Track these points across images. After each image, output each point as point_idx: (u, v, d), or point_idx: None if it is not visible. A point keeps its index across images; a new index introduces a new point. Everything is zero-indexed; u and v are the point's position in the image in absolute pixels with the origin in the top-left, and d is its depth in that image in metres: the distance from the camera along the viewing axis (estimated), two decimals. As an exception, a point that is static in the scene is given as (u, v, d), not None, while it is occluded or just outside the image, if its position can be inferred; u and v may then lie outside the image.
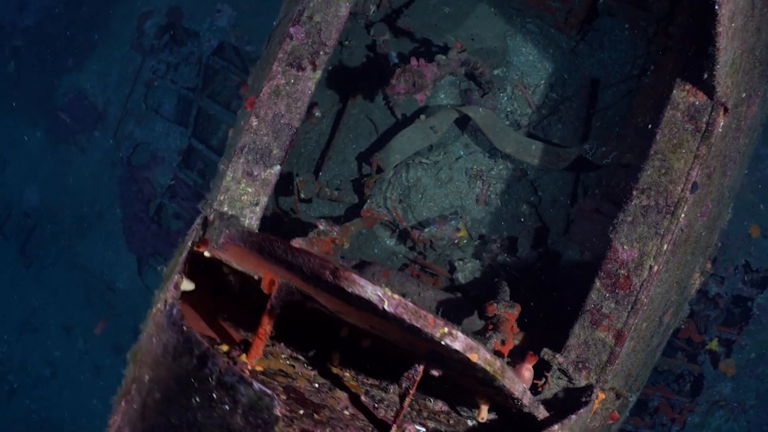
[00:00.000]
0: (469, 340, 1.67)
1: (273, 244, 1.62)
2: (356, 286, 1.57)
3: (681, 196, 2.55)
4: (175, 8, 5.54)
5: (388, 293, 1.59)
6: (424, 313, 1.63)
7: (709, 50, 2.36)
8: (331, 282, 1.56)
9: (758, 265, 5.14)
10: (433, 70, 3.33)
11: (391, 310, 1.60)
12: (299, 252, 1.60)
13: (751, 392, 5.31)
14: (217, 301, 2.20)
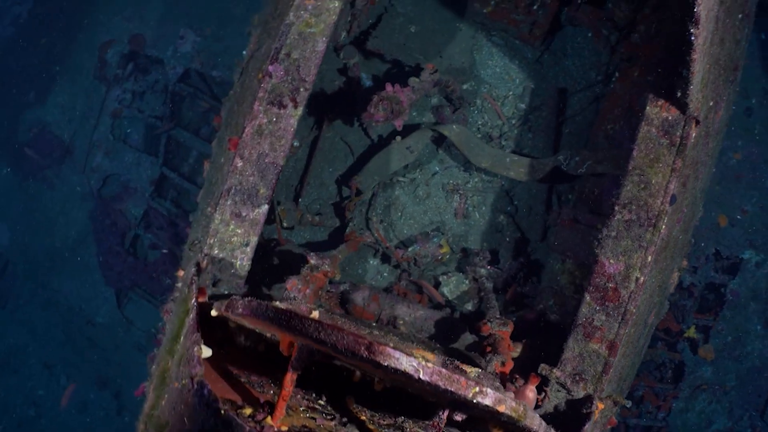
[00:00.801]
0: (497, 394, 1.73)
1: (304, 322, 1.63)
2: (392, 359, 1.62)
3: (661, 209, 2.64)
4: (136, 36, 5.45)
5: (422, 363, 1.63)
6: (456, 377, 1.68)
7: (682, 73, 2.44)
8: (367, 357, 1.60)
9: (728, 252, 5.31)
10: (409, 94, 3.38)
11: (426, 378, 1.65)
12: (332, 329, 1.63)
13: (731, 374, 5.48)
14: (224, 351, 2.21)
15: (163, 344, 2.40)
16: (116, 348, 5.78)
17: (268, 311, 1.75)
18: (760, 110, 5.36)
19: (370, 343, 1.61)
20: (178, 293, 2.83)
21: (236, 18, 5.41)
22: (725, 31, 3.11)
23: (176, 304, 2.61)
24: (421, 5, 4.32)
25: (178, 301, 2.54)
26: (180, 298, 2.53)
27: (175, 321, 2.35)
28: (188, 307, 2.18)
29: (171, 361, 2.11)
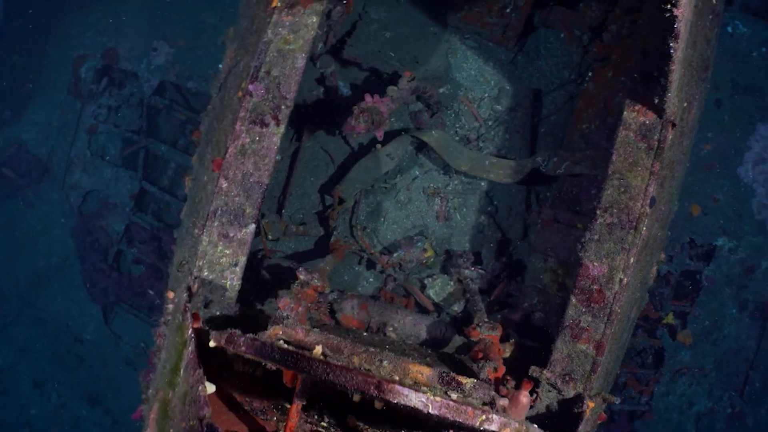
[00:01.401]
0: (502, 419, 1.79)
1: (312, 364, 1.67)
2: (401, 397, 1.68)
3: (641, 212, 2.71)
4: (109, 50, 5.41)
5: (430, 398, 1.69)
6: (464, 408, 1.73)
7: (660, 80, 2.50)
8: (377, 396, 1.65)
9: (702, 240, 5.45)
10: (388, 104, 3.41)
11: (435, 412, 1.70)
12: (340, 370, 1.67)
13: (709, 357, 5.63)
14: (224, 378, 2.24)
15: (162, 373, 2.42)
16: (105, 364, 5.77)
17: (274, 353, 1.78)
18: (729, 102, 5.49)
19: (379, 382, 1.66)
20: (170, 316, 2.85)
21: (209, 28, 5.39)
22: (697, 33, 3.20)
23: (170, 330, 2.64)
24: (395, 11, 4.36)
25: (173, 328, 2.56)
26: (174, 325, 2.55)
27: (171, 350, 2.37)
28: (185, 338, 2.20)
29: (172, 393, 2.14)
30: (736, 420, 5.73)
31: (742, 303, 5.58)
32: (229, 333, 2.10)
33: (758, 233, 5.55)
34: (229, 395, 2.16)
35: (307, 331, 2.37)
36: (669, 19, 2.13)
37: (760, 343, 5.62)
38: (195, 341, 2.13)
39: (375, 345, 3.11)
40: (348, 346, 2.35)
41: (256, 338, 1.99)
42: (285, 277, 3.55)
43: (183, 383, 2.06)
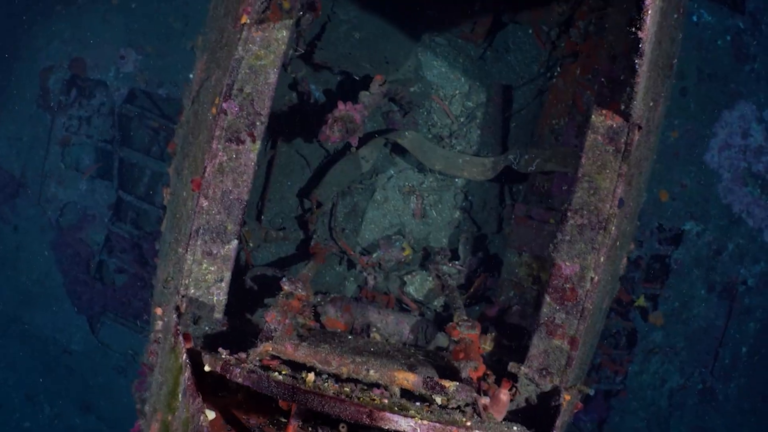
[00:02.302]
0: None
1: (307, 397, 1.76)
2: (392, 423, 1.77)
3: (610, 213, 2.82)
4: (76, 60, 5.36)
5: (419, 422, 1.79)
6: (449, 429, 1.83)
7: (626, 88, 2.58)
8: (369, 424, 1.75)
9: (670, 225, 5.61)
10: (361, 110, 3.48)
11: None
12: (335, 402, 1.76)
13: (679, 336, 5.82)
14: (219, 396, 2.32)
15: (159, 394, 2.49)
16: (96, 373, 5.79)
17: (270, 386, 1.86)
18: (695, 90, 5.64)
19: (371, 411, 1.75)
20: (161, 335, 2.91)
21: (176, 32, 5.38)
22: (663, 34, 3.30)
23: (163, 351, 2.70)
24: (364, 11, 4.39)
25: (165, 349, 2.62)
26: (167, 346, 2.61)
27: (167, 374, 2.44)
28: (180, 362, 2.27)
29: (172, 417, 2.21)
30: (707, 395, 5.95)
31: (710, 284, 5.78)
32: (224, 361, 2.17)
33: (724, 217, 5.74)
34: (226, 412, 2.24)
35: (296, 346, 2.45)
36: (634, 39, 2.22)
37: (728, 322, 5.83)
38: (191, 368, 2.20)
39: (360, 349, 3.22)
40: (336, 358, 2.43)
41: (252, 370, 2.07)
42: (269, 285, 3.62)
43: (183, 408, 2.13)
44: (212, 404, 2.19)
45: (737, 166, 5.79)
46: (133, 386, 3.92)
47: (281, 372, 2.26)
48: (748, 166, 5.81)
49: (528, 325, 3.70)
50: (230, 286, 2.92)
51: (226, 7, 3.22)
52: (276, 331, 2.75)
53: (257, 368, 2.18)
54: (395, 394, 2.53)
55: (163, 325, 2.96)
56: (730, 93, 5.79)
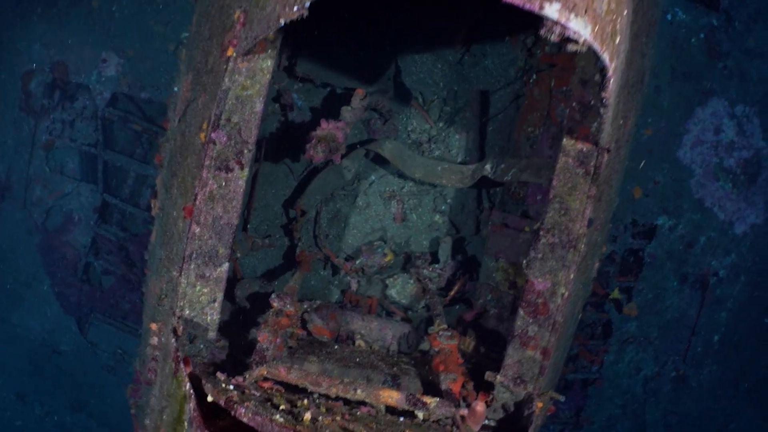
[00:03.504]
0: None
1: None
2: None
3: (580, 233, 2.96)
4: (58, 63, 5.37)
5: None
6: None
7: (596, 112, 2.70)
8: None
9: (643, 220, 5.79)
10: (343, 128, 3.57)
11: None
12: None
13: (653, 326, 6.04)
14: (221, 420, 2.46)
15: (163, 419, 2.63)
16: (85, 372, 5.90)
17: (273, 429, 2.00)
18: (669, 88, 5.78)
19: None
20: (158, 352, 3.04)
21: (158, 36, 5.39)
22: (633, 54, 3.41)
23: (163, 374, 2.83)
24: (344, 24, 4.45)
25: (167, 373, 2.75)
26: (168, 370, 2.75)
27: (171, 401, 2.58)
28: (183, 391, 2.41)
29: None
30: (680, 381, 6.20)
31: (683, 276, 5.98)
32: (227, 397, 2.31)
33: (697, 211, 5.92)
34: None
35: (289, 369, 2.60)
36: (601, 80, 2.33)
37: (700, 312, 6.05)
38: (195, 399, 2.34)
39: (346, 359, 3.37)
40: (326, 379, 2.59)
41: (257, 412, 2.21)
42: (259, 297, 3.76)
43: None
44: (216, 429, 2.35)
45: (709, 161, 5.96)
46: (127, 391, 4.05)
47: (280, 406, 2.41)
48: (719, 161, 5.99)
49: (504, 329, 3.87)
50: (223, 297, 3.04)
51: (210, 29, 3.28)
52: (268, 350, 2.91)
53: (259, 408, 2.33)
54: (381, 410, 2.69)
55: (160, 342, 3.08)
56: (703, 90, 5.93)
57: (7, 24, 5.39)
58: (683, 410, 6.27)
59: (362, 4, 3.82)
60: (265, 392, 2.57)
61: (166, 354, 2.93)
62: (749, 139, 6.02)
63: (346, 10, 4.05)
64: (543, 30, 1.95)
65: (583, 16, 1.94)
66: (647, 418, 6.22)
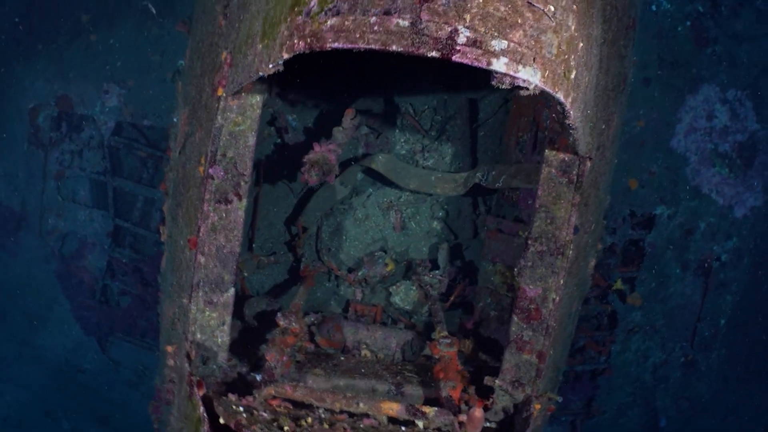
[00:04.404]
0: None
1: None
2: None
3: (567, 240, 3.08)
4: (62, 97, 5.59)
5: None
6: None
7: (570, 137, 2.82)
8: None
9: (641, 211, 5.89)
10: (335, 149, 3.70)
11: None
12: None
13: (658, 314, 6.14)
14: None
15: None
16: (109, 388, 6.14)
17: None
18: (658, 79, 5.86)
19: None
20: (174, 374, 3.23)
21: (155, 65, 5.59)
22: (610, 61, 3.51)
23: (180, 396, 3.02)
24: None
25: (183, 395, 2.94)
26: (183, 393, 2.93)
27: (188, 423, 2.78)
28: (198, 414, 2.60)
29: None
30: (689, 367, 6.30)
31: (684, 263, 6.07)
32: (236, 420, 2.49)
33: (694, 198, 6.00)
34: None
35: (295, 387, 2.78)
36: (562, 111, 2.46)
37: (704, 297, 6.15)
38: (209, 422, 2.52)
39: (352, 370, 3.54)
40: (329, 395, 2.75)
41: None
42: (266, 315, 3.93)
43: None
44: None
45: (704, 147, 6.04)
46: (150, 407, 4.26)
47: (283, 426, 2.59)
48: (714, 147, 6.06)
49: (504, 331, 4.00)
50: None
51: (201, 67, 3.45)
52: (276, 369, 3.09)
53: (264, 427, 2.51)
54: (383, 422, 2.86)
55: (175, 365, 3.27)
56: (693, 78, 6.00)
57: (12, 63, 5.61)
58: (694, 394, 6.38)
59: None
60: (273, 410, 2.74)
61: (181, 377, 3.10)
62: (743, 122, 6.09)
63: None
64: (494, 81, 2.10)
65: (531, 65, 2.09)
66: (658, 404, 6.34)
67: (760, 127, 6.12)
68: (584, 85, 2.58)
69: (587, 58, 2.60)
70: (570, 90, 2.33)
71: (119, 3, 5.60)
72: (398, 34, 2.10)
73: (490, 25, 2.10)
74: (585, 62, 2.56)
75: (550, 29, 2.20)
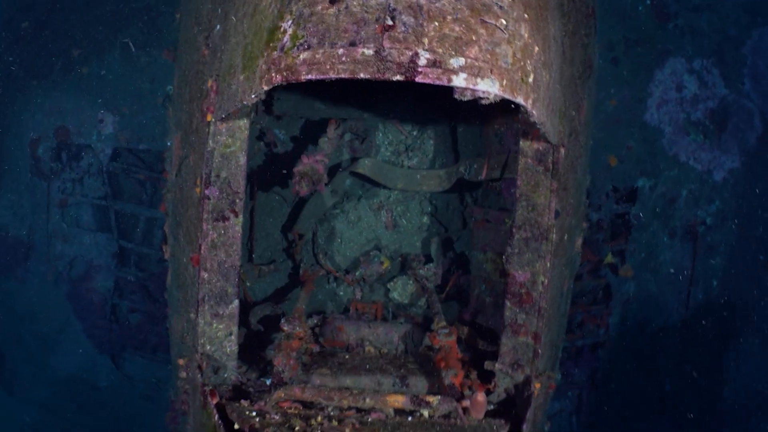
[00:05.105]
0: None
1: None
2: None
3: (549, 225, 3.25)
4: (60, 128, 5.81)
5: None
6: None
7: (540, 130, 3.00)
8: None
9: (623, 185, 6.09)
10: (322, 160, 3.91)
11: None
12: None
13: (650, 282, 6.34)
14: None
15: None
16: (125, 403, 6.38)
17: None
18: (625, 57, 6.05)
19: None
20: (188, 385, 3.44)
21: (146, 92, 5.83)
22: (574, 51, 3.67)
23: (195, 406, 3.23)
24: None
25: (197, 405, 3.15)
26: (198, 403, 3.14)
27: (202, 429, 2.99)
28: (213, 423, 2.81)
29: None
30: (687, 330, 6.50)
31: (671, 230, 6.26)
32: (250, 425, 2.72)
33: (673, 167, 6.19)
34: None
35: (303, 389, 2.98)
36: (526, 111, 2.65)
37: (694, 261, 6.34)
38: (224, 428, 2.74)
39: (357, 367, 3.74)
40: (337, 393, 2.97)
41: None
42: (271, 321, 4.14)
43: None
44: None
45: (677, 118, 6.22)
46: (166, 419, 4.48)
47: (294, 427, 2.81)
48: (687, 116, 6.24)
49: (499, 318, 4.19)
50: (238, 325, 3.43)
51: (189, 93, 3.64)
52: (284, 372, 3.30)
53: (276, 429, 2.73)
54: (390, 414, 3.06)
55: (188, 376, 3.48)
56: (659, 52, 6.19)
57: (10, 100, 5.84)
58: (694, 357, 6.57)
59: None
60: (284, 412, 2.96)
61: (195, 388, 3.31)
62: (712, 89, 6.26)
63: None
64: (456, 95, 2.30)
65: (489, 77, 2.29)
66: (661, 370, 6.54)
67: (729, 92, 6.30)
68: (545, 83, 2.76)
69: (546, 57, 2.79)
70: (529, 93, 2.52)
71: (107, 36, 5.83)
72: (364, 62, 2.30)
73: (447, 45, 2.30)
74: (543, 62, 2.74)
75: (503, 41, 2.40)
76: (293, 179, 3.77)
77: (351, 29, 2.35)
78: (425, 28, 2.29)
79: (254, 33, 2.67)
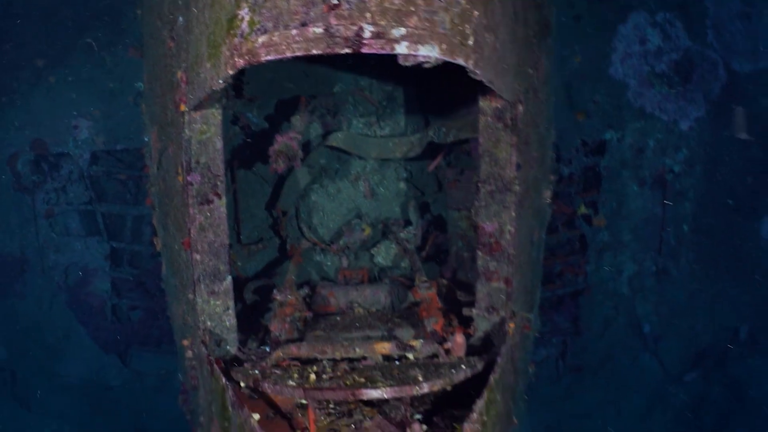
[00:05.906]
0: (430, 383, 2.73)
1: (312, 392, 2.60)
2: (368, 394, 2.74)
3: (511, 177, 3.43)
4: (36, 140, 5.91)
5: (384, 389, 2.68)
6: (407, 388, 2.69)
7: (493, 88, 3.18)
8: (355, 398, 2.61)
9: (591, 138, 6.32)
10: (295, 136, 4.09)
11: (389, 396, 2.82)
12: (329, 391, 2.72)
13: (624, 230, 6.59)
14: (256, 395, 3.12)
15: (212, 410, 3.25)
16: (137, 397, 6.56)
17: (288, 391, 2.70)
18: (588, 14, 6.24)
19: (353, 391, 2.65)
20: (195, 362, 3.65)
21: (116, 92, 5.94)
22: (527, 12, 3.80)
23: (203, 377, 3.43)
24: None
25: (206, 375, 3.35)
26: (206, 372, 3.35)
27: (214, 395, 3.18)
28: (221, 384, 3.03)
29: (228, 424, 3.00)
30: (662, 274, 6.77)
31: (641, 179, 6.49)
32: (253, 378, 2.95)
33: (639, 118, 6.40)
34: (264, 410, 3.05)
35: (299, 346, 3.21)
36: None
37: (664, 208, 6.59)
38: (231, 388, 2.96)
39: (348, 326, 3.96)
40: (329, 346, 3.19)
41: (276, 383, 2.87)
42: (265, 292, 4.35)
43: (235, 417, 2.92)
44: (253, 408, 2.99)
45: (641, 71, 6.42)
46: (179, 401, 4.67)
47: (293, 375, 3.04)
48: (651, 69, 6.45)
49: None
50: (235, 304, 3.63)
51: (161, 87, 3.81)
52: (281, 336, 3.51)
53: (277, 378, 2.96)
54: (378, 360, 3.28)
55: (194, 354, 3.69)
56: (621, 7, 6.37)
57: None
58: (670, 298, 6.85)
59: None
60: (284, 369, 3.18)
61: (201, 361, 3.51)
62: (675, 41, 6.47)
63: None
64: (400, 60, 2.51)
65: (428, 43, 2.49)
66: (639, 312, 6.82)
67: (693, 43, 6.51)
68: (489, 44, 2.96)
69: (489, 20, 2.98)
70: (470, 54, 2.72)
71: (70, 42, 5.92)
72: (315, 40, 2.51)
73: (389, 18, 2.51)
74: (486, 25, 2.93)
75: (441, 9, 2.60)
76: (270, 158, 3.95)
77: (301, 11, 2.55)
78: (367, 3, 2.50)
79: (215, 22, 2.86)
